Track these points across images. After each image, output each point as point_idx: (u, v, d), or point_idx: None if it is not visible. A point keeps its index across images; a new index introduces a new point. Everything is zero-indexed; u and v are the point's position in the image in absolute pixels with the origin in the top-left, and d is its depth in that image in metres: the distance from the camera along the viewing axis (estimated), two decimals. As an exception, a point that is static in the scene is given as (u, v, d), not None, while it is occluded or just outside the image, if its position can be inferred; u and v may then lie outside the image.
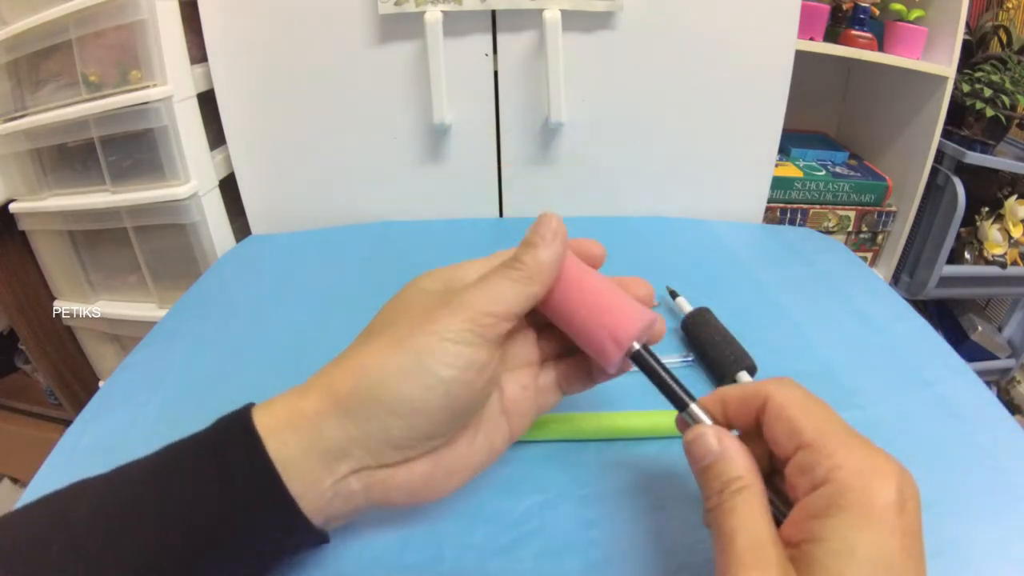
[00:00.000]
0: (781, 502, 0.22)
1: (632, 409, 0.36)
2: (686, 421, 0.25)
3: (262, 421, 0.23)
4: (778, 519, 0.21)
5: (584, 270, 0.28)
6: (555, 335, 0.30)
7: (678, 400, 0.25)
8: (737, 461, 0.22)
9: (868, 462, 0.20)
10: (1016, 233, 0.96)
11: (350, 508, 0.24)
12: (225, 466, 0.22)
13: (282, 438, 0.22)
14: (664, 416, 0.36)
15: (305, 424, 0.23)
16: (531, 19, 0.57)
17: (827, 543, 0.18)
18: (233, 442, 0.23)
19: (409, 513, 0.31)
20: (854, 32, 0.83)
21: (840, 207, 0.90)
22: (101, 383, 0.64)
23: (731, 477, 0.21)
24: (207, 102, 0.60)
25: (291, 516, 0.22)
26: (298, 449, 0.22)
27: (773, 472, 0.24)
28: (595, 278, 0.27)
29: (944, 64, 0.82)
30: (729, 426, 0.25)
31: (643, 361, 0.26)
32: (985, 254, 0.97)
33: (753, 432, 0.24)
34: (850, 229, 0.92)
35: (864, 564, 0.18)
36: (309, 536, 0.24)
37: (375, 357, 0.23)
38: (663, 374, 0.26)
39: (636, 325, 0.26)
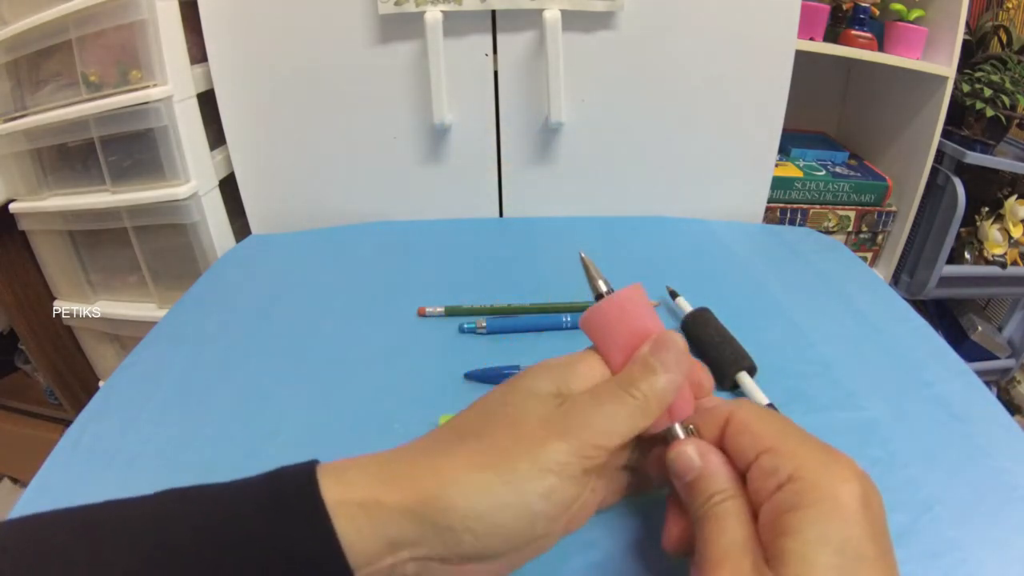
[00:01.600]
0: None
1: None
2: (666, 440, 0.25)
3: (332, 493, 0.21)
4: None
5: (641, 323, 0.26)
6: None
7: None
8: (719, 475, 0.22)
9: (830, 459, 0.20)
10: (1016, 233, 0.96)
11: None
12: (287, 537, 0.21)
13: (352, 519, 0.21)
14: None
15: (380, 514, 0.21)
16: (531, 19, 0.57)
17: (799, 534, 0.19)
18: (298, 513, 0.21)
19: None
20: (854, 32, 0.83)
21: (840, 207, 0.90)
22: (101, 383, 0.64)
23: (714, 491, 0.22)
24: (207, 102, 0.60)
25: None
26: (368, 531, 0.21)
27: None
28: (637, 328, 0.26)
29: (944, 64, 0.82)
30: None
31: None
32: (985, 254, 0.97)
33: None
34: (850, 229, 0.92)
35: (835, 553, 0.18)
36: None
37: (466, 467, 0.22)
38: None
39: (687, 414, 0.26)
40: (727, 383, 0.40)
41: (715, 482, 0.22)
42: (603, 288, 0.27)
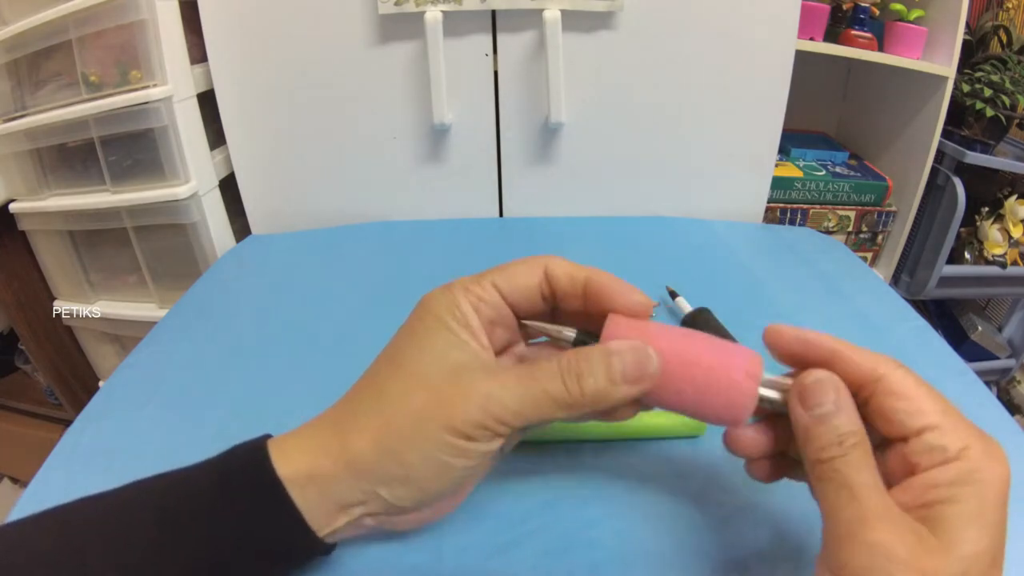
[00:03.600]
0: None
1: (632, 409, 0.36)
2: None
3: (284, 470, 0.23)
4: None
5: (676, 339, 0.24)
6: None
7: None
8: (854, 417, 0.22)
9: (991, 446, 0.21)
10: (1016, 233, 0.96)
11: (361, 533, 0.26)
12: (251, 517, 0.23)
13: (302, 490, 0.23)
14: (664, 416, 0.36)
15: (324, 483, 0.23)
16: (531, 19, 0.57)
17: (961, 505, 0.20)
18: (255, 488, 0.23)
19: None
20: (854, 32, 0.83)
21: (840, 207, 0.90)
22: (101, 383, 0.64)
23: (848, 431, 0.21)
24: (207, 102, 0.60)
25: (314, 551, 0.24)
26: (317, 500, 0.23)
27: None
28: (691, 345, 0.25)
29: (944, 64, 0.82)
30: None
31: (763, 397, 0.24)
32: (985, 254, 0.97)
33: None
34: (850, 229, 0.92)
35: (987, 527, 0.20)
36: (321, 554, 0.26)
37: (391, 428, 0.23)
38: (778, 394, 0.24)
39: (754, 388, 0.23)
40: (727, 383, 0.39)
41: (850, 422, 0.22)
42: (570, 335, 0.26)
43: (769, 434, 0.25)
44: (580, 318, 0.26)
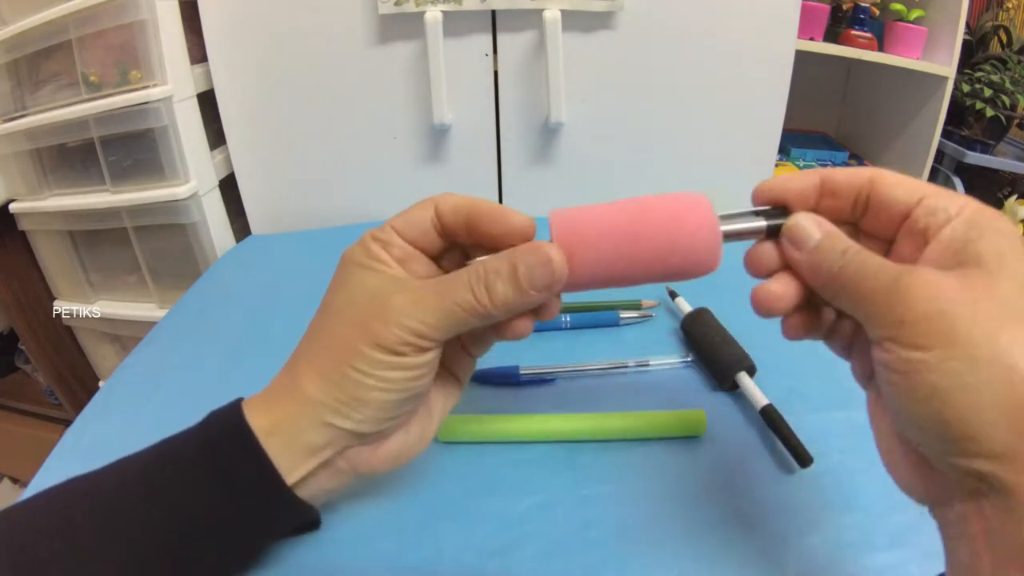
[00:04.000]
0: None
1: (630, 409, 0.36)
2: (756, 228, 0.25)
3: (255, 423, 0.25)
4: None
5: (614, 217, 0.26)
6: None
7: (771, 230, 0.25)
8: (844, 237, 0.22)
9: (987, 207, 0.21)
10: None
11: (339, 482, 0.27)
12: (226, 470, 0.24)
13: (268, 436, 0.24)
14: (663, 416, 0.36)
15: (287, 423, 0.25)
16: (531, 19, 0.57)
17: (988, 239, 0.19)
18: (232, 446, 0.24)
19: (408, 512, 0.31)
20: (854, 32, 0.83)
21: (840, 207, 0.90)
22: (101, 383, 0.64)
23: (846, 246, 0.21)
24: (207, 102, 0.60)
25: (289, 505, 0.25)
26: (284, 444, 0.24)
27: None
28: (631, 220, 0.26)
29: (944, 64, 0.83)
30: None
31: (731, 233, 0.25)
32: (985, 254, 0.97)
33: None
34: (850, 229, 0.92)
35: (1015, 267, 0.19)
36: (303, 516, 0.26)
37: (328, 359, 0.25)
38: (748, 225, 0.25)
39: (707, 218, 0.24)
40: (727, 383, 0.40)
41: (842, 241, 0.22)
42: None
43: (793, 283, 0.24)
44: (477, 250, 0.27)
